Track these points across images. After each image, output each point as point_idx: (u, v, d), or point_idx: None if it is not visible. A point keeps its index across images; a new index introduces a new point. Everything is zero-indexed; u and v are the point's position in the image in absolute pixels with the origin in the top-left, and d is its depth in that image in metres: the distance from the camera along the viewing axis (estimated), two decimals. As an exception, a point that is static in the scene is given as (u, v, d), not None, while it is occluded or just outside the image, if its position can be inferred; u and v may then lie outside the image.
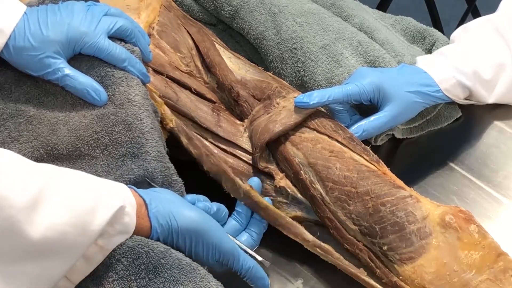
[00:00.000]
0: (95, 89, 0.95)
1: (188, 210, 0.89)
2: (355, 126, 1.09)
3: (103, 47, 0.96)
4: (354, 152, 1.03)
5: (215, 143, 1.08)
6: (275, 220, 1.01)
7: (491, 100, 1.20)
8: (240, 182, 1.02)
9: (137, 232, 0.86)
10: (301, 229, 1.00)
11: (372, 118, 1.10)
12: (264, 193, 1.05)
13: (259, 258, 0.95)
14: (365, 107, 1.13)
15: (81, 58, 0.97)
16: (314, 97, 1.06)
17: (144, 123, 0.94)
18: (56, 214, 0.79)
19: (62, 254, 0.81)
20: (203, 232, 0.89)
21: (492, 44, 1.19)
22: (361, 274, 0.98)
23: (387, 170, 1.02)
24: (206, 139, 1.08)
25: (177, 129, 1.03)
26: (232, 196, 1.02)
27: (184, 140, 1.03)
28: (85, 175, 0.86)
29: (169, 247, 0.85)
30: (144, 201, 0.88)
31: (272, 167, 1.06)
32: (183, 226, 0.88)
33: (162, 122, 1.02)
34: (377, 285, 0.97)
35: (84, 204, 0.82)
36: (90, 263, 0.83)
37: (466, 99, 1.19)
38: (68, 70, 0.95)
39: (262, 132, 1.05)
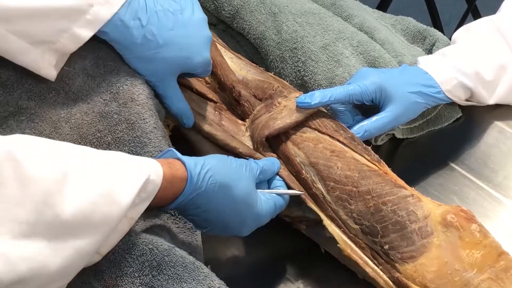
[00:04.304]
0: (187, 116, 1.03)
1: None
2: (357, 126, 1.09)
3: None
4: (355, 152, 1.03)
5: (216, 142, 1.08)
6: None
7: (492, 101, 1.20)
8: None
9: (172, 180, 0.85)
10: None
11: (374, 118, 1.10)
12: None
13: (293, 191, 1.00)
14: (366, 107, 1.13)
15: (86, 51, 0.96)
16: (316, 97, 1.05)
17: (147, 122, 0.94)
18: (86, 187, 0.77)
19: (96, 227, 0.78)
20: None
21: (494, 45, 1.20)
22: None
23: (388, 170, 1.02)
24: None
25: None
26: None
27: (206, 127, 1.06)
28: (108, 152, 0.84)
29: (173, 245, 0.85)
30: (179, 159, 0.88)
31: (273, 167, 1.06)
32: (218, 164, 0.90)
33: (166, 119, 1.03)
34: None
35: (114, 177, 0.79)
36: (117, 233, 0.82)
37: (467, 100, 1.20)
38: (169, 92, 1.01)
39: (262, 128, 1.05)
